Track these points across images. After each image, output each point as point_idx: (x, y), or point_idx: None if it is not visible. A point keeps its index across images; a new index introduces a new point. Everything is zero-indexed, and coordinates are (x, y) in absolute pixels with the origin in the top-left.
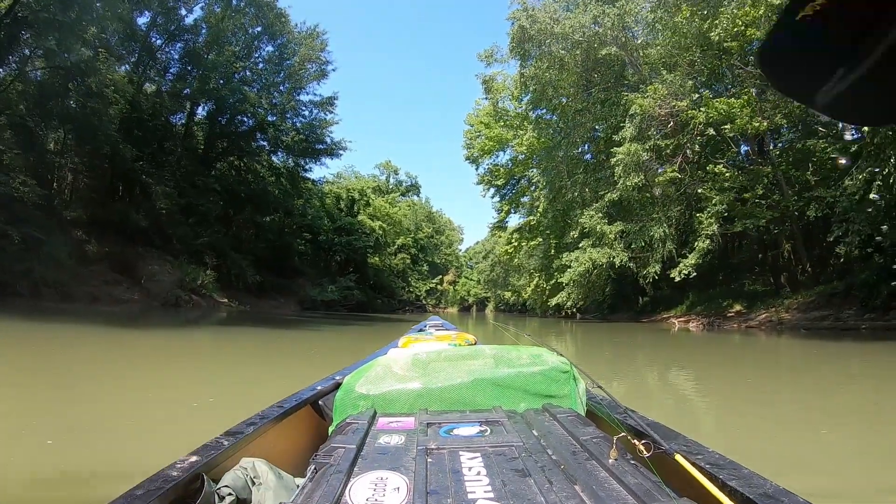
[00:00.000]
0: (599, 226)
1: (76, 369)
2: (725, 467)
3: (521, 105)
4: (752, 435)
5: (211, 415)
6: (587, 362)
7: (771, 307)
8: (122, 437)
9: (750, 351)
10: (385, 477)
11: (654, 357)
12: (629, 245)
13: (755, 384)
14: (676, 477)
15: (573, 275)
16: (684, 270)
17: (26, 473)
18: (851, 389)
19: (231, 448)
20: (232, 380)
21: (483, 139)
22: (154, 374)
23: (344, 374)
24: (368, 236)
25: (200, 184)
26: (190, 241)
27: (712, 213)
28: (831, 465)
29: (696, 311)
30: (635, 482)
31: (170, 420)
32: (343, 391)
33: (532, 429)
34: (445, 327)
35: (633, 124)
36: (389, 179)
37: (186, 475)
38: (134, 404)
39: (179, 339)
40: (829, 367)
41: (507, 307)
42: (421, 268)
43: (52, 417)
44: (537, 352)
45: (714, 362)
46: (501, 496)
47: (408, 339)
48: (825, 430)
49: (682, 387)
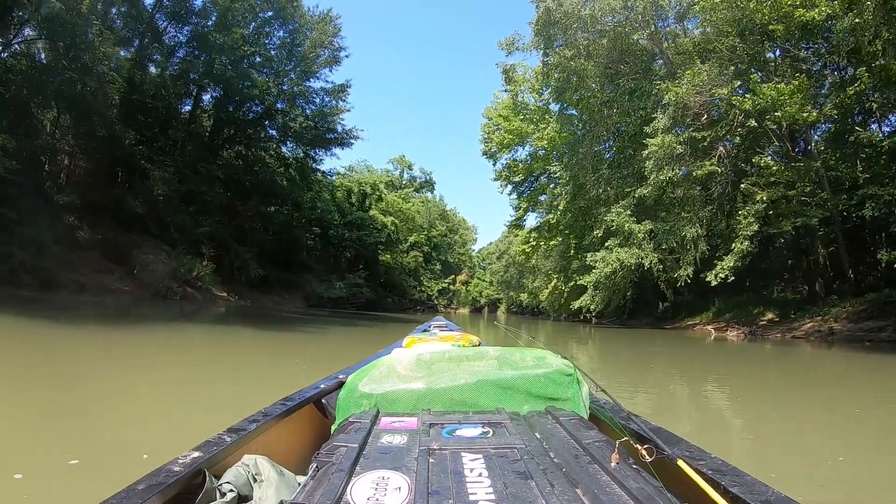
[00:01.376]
0: (627, 224)
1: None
2: (728, 474)
3: (542, 98)
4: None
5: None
6: (630, 384)
7: (815, 316)
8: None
9: (820, 366)
10: (387, 476)
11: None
12: (659, 245)
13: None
14: (678, 482)
15: (598, 276)
16: (721, 274)
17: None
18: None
19: (233, 444)
20: (189, 389)
21: (502, 132)
22: (108, 382)
23: (347, 373)
24: (380, 232)
25: (203, 171)
26: (189, 230)
27: (753, 211)
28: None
29: (725, 318)
30: (637, 487)
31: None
32: (346, 390)
33: (534, 431)
34: (449, 328)
35: (666, 115)
36: (403, 175)
37: (188, 471)
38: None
39: (156, 337)
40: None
41: (519, 309)
42: (433, 267)
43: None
44: (541, 354)
45: (792, 383)
46: (503, 498)
47: (412, 339)
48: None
49: (765, 420)
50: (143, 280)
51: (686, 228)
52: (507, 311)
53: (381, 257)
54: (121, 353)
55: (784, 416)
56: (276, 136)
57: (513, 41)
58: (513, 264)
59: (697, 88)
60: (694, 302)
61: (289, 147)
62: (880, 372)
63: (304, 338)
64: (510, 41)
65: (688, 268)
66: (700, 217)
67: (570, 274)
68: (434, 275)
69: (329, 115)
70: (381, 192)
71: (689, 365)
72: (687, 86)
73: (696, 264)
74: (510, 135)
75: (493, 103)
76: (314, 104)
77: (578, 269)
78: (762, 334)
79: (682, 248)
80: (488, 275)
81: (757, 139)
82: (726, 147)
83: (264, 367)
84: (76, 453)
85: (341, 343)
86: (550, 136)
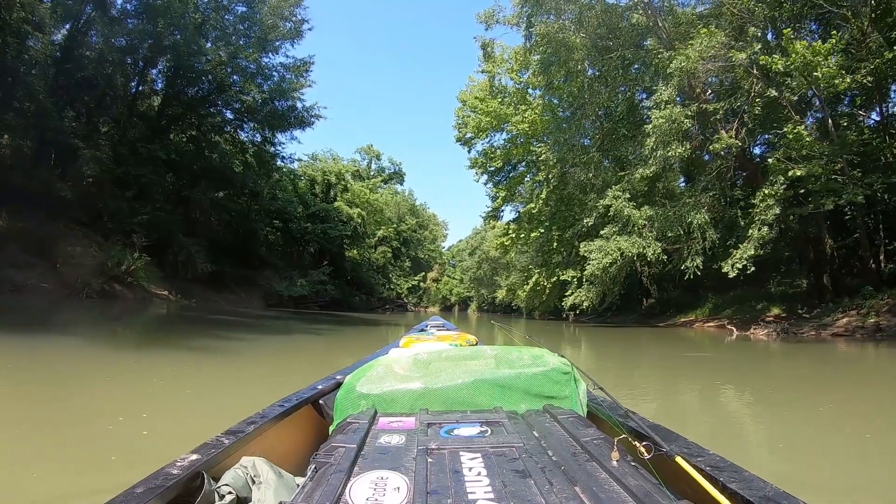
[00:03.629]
0: (627, 209)
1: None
2: (726, 469)
3: (522, 81)
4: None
5: None
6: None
7: (849, 309)
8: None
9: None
10: (385, 477)
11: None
12: (664, 234)
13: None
14: (677, 479)
15: (595, 268)
16: (738, 264)
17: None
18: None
19: (231, 447)
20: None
21: (478, 115)
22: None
23: (345, 374)
24: (346, 224)
25: (144, 151)
26: (126, 218)
27: (773, 192)
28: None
29: (723, 315)
30: (636, 484)
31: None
32: (344, 390)
33: (533, 430)
34: (447, 327)
35: (670, 86)
36: (371, 165)
37: (187, 473)
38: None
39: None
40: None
41: (491, 307)
42: (403, 263)
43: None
44: (538, 352)
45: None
46: (502, 497)
47: (409, 339)
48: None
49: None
50: (66, 276)
51: (692, 214)
52: (479, 310)
53: (347, 253)
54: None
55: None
56: (232, 118)
57: (492, 13)
58: (486, 260)
59: (711, 51)
60: (682, 298)
61: (246, 131)
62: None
63: (228, 359)
64: (489, 13)
65: (696, 258)
66: (702, 203)
67: (552, 268)
68: (404, 272)
69: (288, 91)
70: (347, 182)
71: (755, 378)
72: (699, 49)
73: (705, 254)
74: (487, 117)
75: (467, 86)
76: (272, 80)
77: (561, 263)
78: (798, 333)
79: (687, 236)
80: (459, 272)
81: (774, 112)
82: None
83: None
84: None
85: (277, 367)
86: (531, 119)
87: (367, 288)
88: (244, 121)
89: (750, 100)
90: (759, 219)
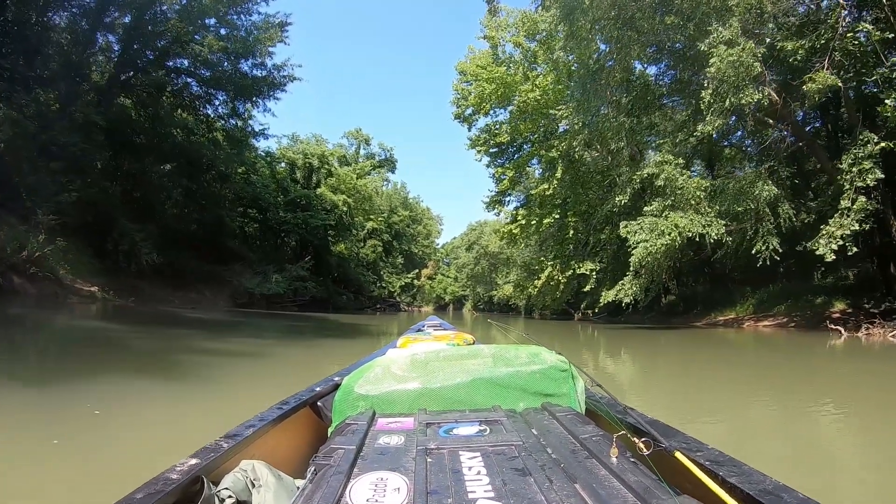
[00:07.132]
0: (681, 178)
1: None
2: (725, 464)
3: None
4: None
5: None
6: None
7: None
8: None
9: None
10: (385, 477)
11: None
12: (729, 209)
13: None
14: (676, 474)
15: (646, 252)
16: (833, 244)
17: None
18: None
19: (230, 450)
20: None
21: (482, 81)
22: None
23: (343, 375)
24: (329, 213)
25: (78, 117)
26: (51, 195)
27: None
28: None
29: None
30: (635, 480)
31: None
32: (342, 392)
33: (531, 428)
34: (444, 327)
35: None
36: (360, 150)
37: (186, 478)
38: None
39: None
40: None
41: (488, 306)
42: (395, 259)
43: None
44: (536, 350)
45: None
46: (502, 495)
47: (406, 339)
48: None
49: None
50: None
51: (760, 186)
52: (475, 308)
53: (333, 247)
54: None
55: None
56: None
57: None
58: (485, 255)
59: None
60: (709, 293)
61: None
62: None
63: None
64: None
65: (771, 239)
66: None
67: (566, 260)
68: (396, 269)
69: (254, 45)
70: (331, 167)
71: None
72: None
73: (781, 233)
74: (491, 85)
75: (466, 58)
76: (238, 33)
77: (577, 254)
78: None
79: (755, 212)
80: (453, 270)
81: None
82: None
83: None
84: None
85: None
86: (543, 87)
87: (356, 286)
88: (210, 91)
89: (842, 36)
90: (851, 186)
